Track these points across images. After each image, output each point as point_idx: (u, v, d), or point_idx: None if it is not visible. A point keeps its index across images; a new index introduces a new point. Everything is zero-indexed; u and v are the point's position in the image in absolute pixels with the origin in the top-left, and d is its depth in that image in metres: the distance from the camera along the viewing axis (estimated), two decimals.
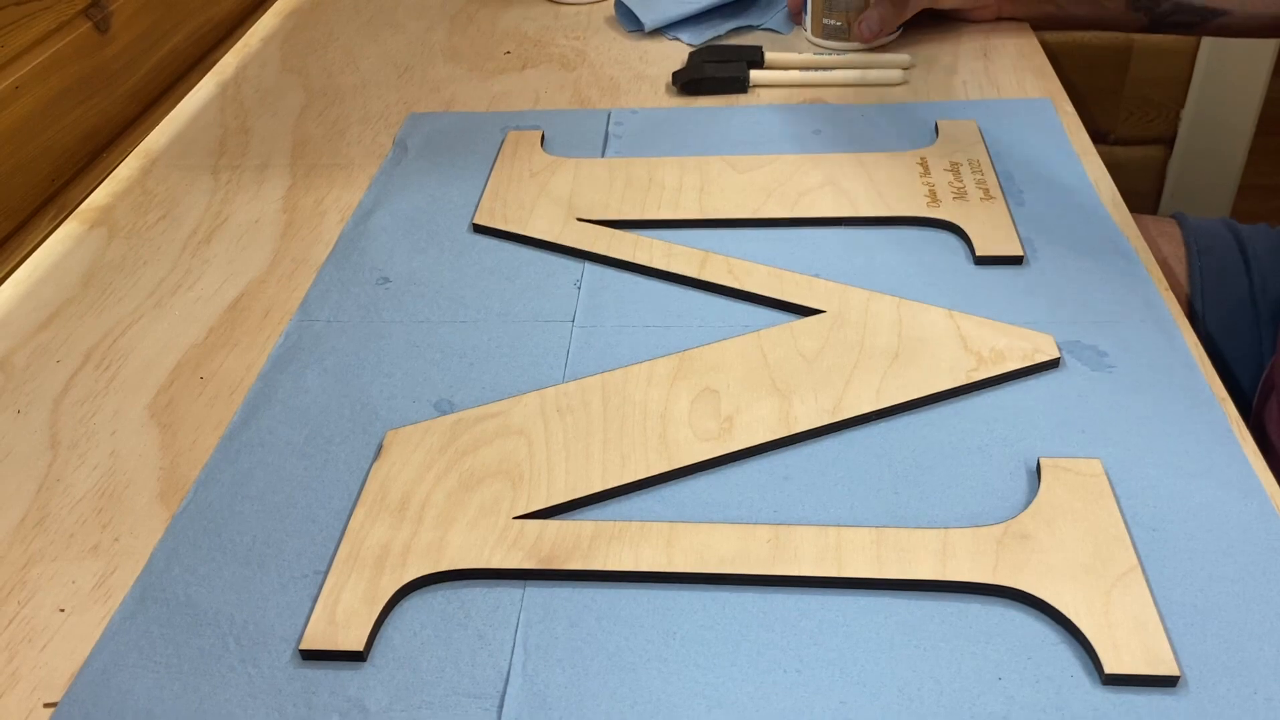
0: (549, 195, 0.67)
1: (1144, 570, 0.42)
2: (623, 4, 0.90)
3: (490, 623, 0.42)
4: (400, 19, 0.95)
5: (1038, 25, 0.87)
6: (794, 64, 0.81)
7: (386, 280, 0.61)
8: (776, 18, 0.89)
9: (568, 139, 0.74)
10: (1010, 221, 0.61)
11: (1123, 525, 0.44)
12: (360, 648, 0.41)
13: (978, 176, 0.65)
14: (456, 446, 0.49)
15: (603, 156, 0.71)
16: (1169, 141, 1.47)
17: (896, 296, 0.57)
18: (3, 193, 0.69)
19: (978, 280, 0.58)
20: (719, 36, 0.87)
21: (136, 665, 0.42)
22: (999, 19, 0.86)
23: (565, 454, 0.49)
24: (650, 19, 0.88)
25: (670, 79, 0.81)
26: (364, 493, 0.48)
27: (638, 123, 0.75)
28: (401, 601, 0.43)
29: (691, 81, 0.79)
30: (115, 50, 0.80)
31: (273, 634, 0.42)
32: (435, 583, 0.44)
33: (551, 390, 0.52)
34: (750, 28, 0.89)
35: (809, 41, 0.85)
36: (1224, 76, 1.39)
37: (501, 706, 0.39)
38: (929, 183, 0.65)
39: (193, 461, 0.51)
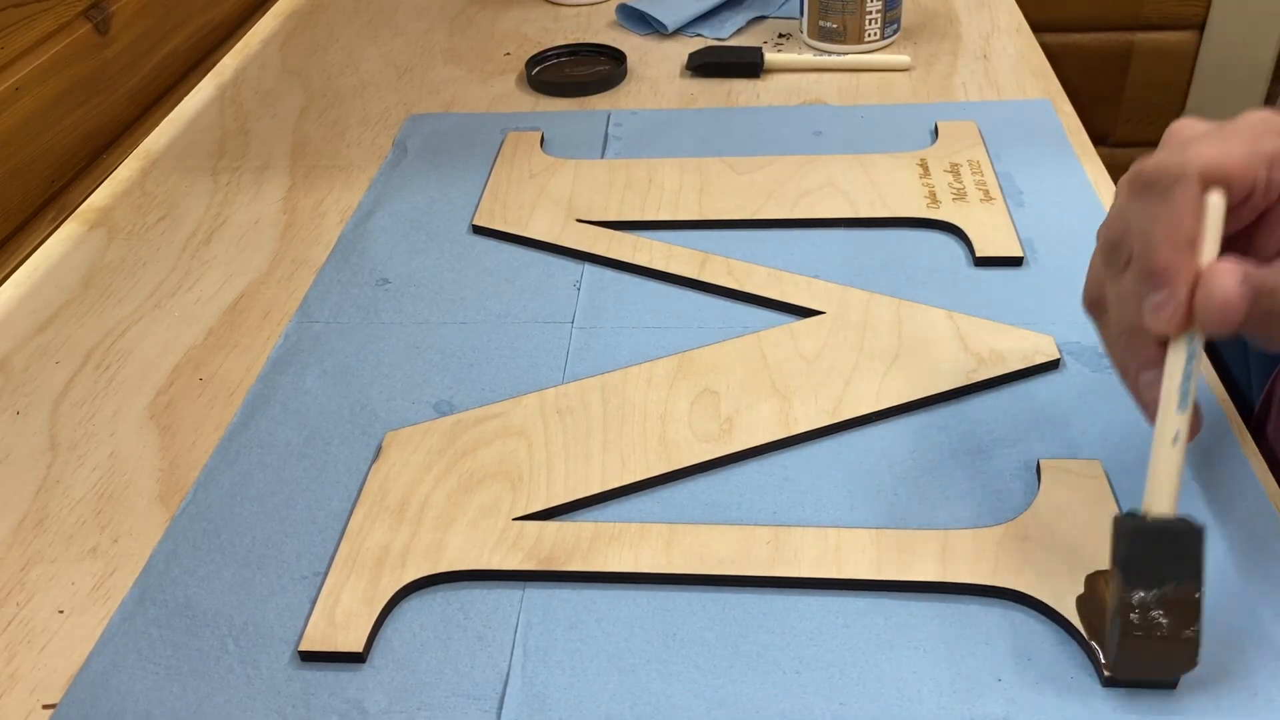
0: (548, 196, 0.67)
1: None
2: (629, 8, 0.90)
3: (490, 624, 0.42)
4: (400, 21, 0.95)
5: None
6: (794, 65, 0.82)
7: (386, 281, 0.61)
8: (792, 3, 0.90)
9: (567, 140, 0.74)
10: (1010, 223, 0.61)
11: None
12: (359, 649, 0.41)
13: (978, 178, 0.65)
14: (456, 448, 0.49)
15: (602, 158, 0.71)
16: None
17: (896, 298, 0.57)
18: (3, 194, 0.69)
19: (978, 281, 0.58)
20: (740, 29, 0.88)
21: (135, 667, 0.42)
22: None
23: (565, 455, 0.49)
24: (671, 19, 0.88)
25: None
26: (363, 494, 0.48)
27: (637, 124, 0.75)
28: (401, 603, 0.43)
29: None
30: (115, 52, 0.80)
31: (272, 635, 0.42)
32: (434, 584, 0.44)
33: (551, 391, 0.52)
34: (764, 17, 0.90)
35: (805, 44, 0.85)
36: (1224, 80, 1.39)
37: (501, 708, 0.39)
38: (929, 184, 0.65)
39: (192, 463, 0.51)
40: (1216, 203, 0.37)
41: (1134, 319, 0.38)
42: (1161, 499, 0.37)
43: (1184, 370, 0.37)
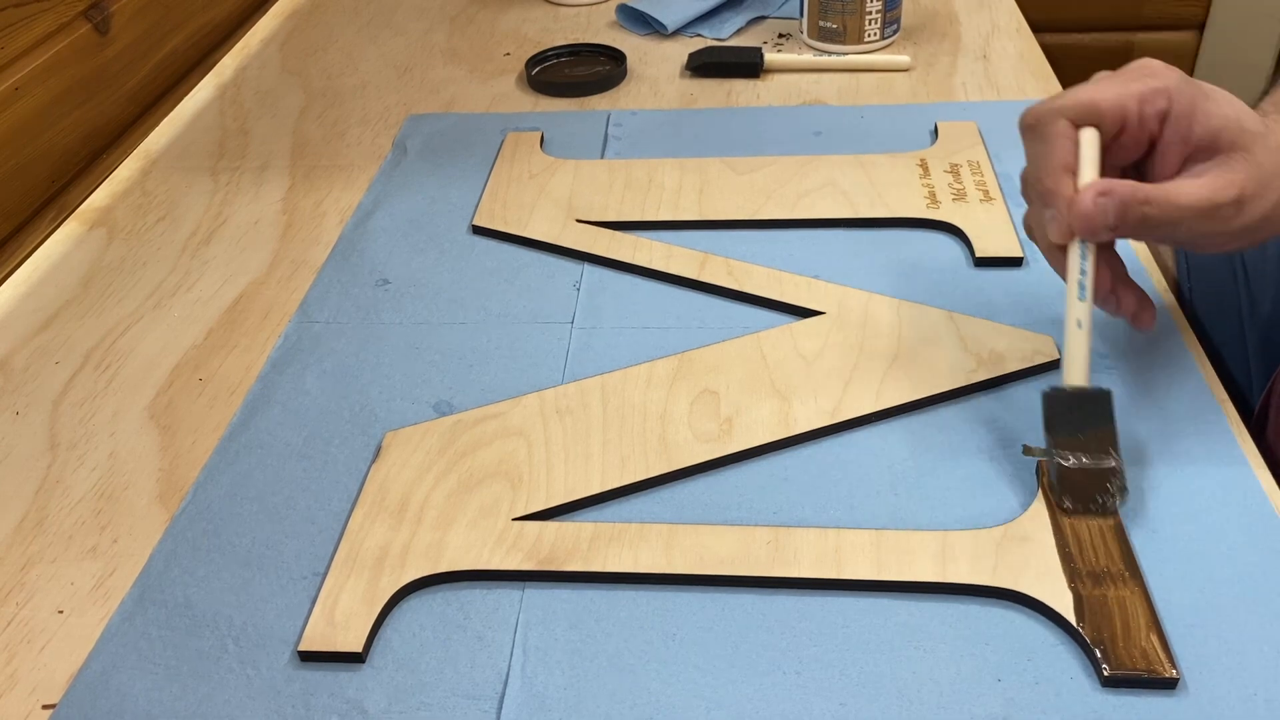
0: (548, 196, 0.67)
1: (1143, 572, 0.42)
2: (629, 8, 0.90)
3: (489, 624, 0.42)
4: (400, 21, 0.95)
5: None
6: (794, 66, 0.82)
7: (386, 282, 0.61)
8: (792, 3, 0.90)
9: (567, 140, 0.74)
10: (1010, 223, 0.61)
11: (1122, 527, 0.43)
12: (359, 649, 0.41)
13: (977, 178, 0.65)
14: (456, 448, 0.49)
15: (602, 158, 0.71)
16: None
17: (896, 298, 0.57)
18: (3, 194, 0.69)
19: (977, 282, 0.58)
20: (740, 29, 0.88)
21: (135, 667, 0.42)
22: None
23: (564, 455, 0.49)
24: (671, 19, 0.88)
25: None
26: (363, 494, 0.48)
27: (637, 124, 0.75)
28: (400, 603, 0.43)
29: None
30: (115, 52, 0.80)
31: (271, 636, 0.42)
32: (434, 584, 0.44)
33: (551, 392, 0.52)
34: (764, 17, 0.90)
35: (805, 44, 0.85)
36: (1223, 79, 1.39)
37: (500, 708, 0.39)
38: (929, 184, 0.65)
39: (192, 463, 0.51)
40: (1089, 135, 0.45)
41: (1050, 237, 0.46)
42: (1074, 372, 0.45)
43: (1079, 268, 0.45)
